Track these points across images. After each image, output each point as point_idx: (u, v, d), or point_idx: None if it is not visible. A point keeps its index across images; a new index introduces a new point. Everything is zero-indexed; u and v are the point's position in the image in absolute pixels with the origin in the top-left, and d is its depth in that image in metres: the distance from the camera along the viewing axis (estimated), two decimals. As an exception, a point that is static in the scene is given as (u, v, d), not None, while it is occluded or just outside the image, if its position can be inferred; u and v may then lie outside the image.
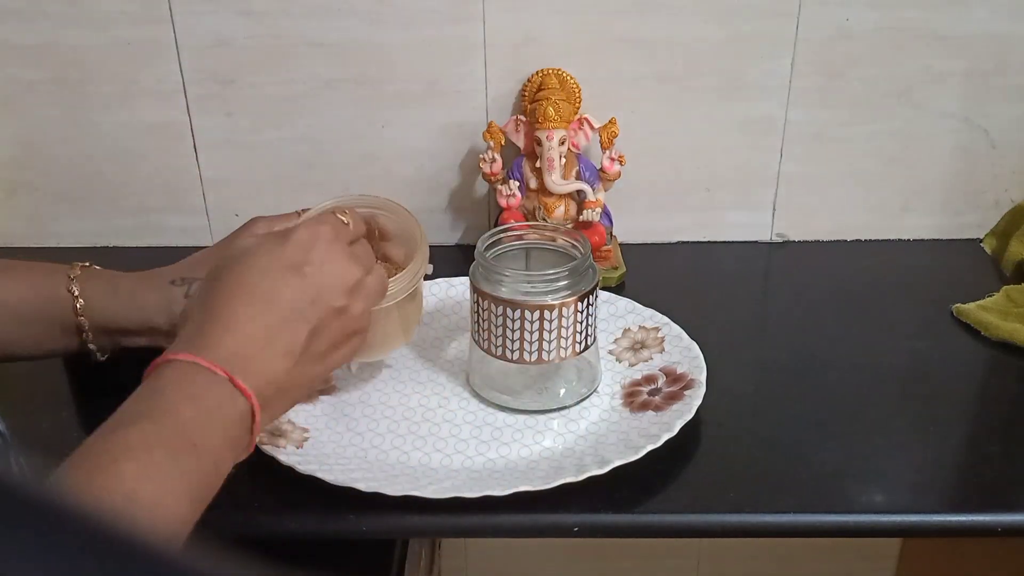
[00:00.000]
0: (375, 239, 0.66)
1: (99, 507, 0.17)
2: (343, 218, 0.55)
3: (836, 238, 0.93)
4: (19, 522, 0.16)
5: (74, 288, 0.61)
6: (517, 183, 0.84)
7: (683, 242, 0.93)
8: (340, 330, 0.53)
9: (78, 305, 0.61)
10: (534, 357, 0.64)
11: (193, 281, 0.63)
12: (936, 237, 0.93)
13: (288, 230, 0.53)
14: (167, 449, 0.44)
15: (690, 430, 0.62)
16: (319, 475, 0.57)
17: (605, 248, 0.85)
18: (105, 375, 0.71)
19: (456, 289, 0.79)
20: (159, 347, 0.63)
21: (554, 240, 0.68)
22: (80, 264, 0.63)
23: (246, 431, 0.49)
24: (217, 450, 0.47)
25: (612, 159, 0.84)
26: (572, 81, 0.84)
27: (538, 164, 0.83)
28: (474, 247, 0.66)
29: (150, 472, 0.43)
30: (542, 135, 0.82)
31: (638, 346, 0.72)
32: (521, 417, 0.66)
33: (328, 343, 0.52)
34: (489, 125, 0.85)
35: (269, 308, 0.49)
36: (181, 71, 0.85)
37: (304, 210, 0.64)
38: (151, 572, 0.17)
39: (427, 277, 0.65)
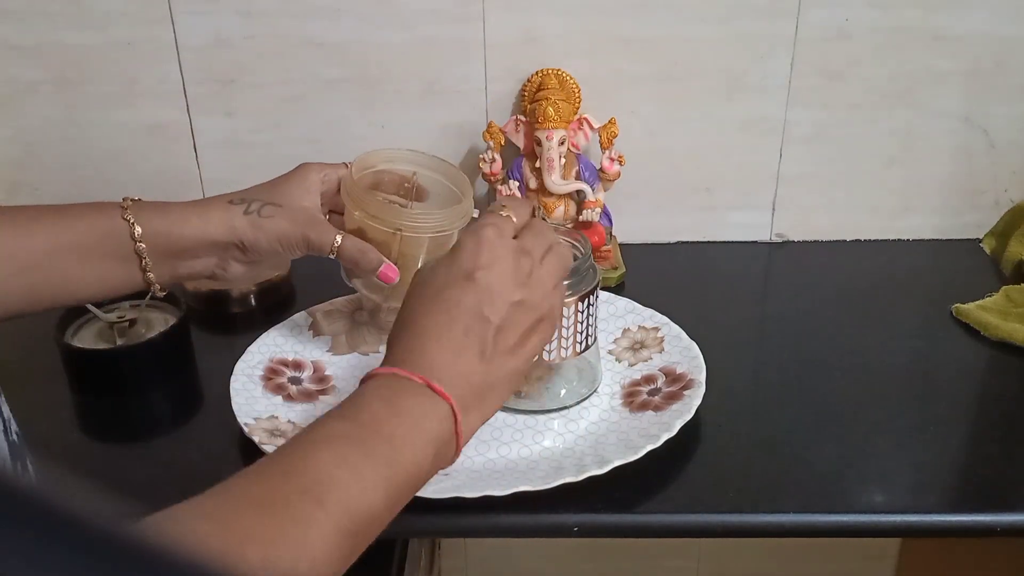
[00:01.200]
0: (411, 197, 0.71)
1: (100, 507, 0.17)
2: (504, 213, 0.56)
3: (836, 238, 0.93)
4: (21, 523, 0.16)
5: (129, 216, 0.62)
6: (517, 183, 0.84)
7: (683, 242, 0.93)
8: (525, 321, 0.54)
9: (136, 232, 0.62)
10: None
11: (252, 200, 0.64)
12: (936, 237, 0.93)
13: (456, 242, 0.55)
14: (359, 440, 0.46)
15: (690, 430, 0.62)
16: (319, 475, 0.57)
17: (605, 248, 0.85)
18: (105, 375, 0.71)
19: (456, 289, 0.79)
20: (212, 277, 0.66)
21: (554, 240, 0.68)
22: (129, 198, 0.64)
23: (449, 433, 0.50)
24: (415, 449, 0.48)
25: (612, 159, 0.84)
26: (572, 81, 0.84)
27: (538, 164, 0.83)
28: (474, 247, 0.66)
29: (344, 458, 0.45)
30: (542, 135, 0.82)
31: (638, 346, 0.72)
32: (521, 417, 0.66)
33: (516, 336, 0.53)
34: (489, 125, 0.85)
35: (454, 317, 0.52)
36: (181, 71, 0.85)
37: (349, 164, 0.68)
38: (151, 572, 0.17)
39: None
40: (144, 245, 0.62)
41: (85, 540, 0.17)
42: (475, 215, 0.66)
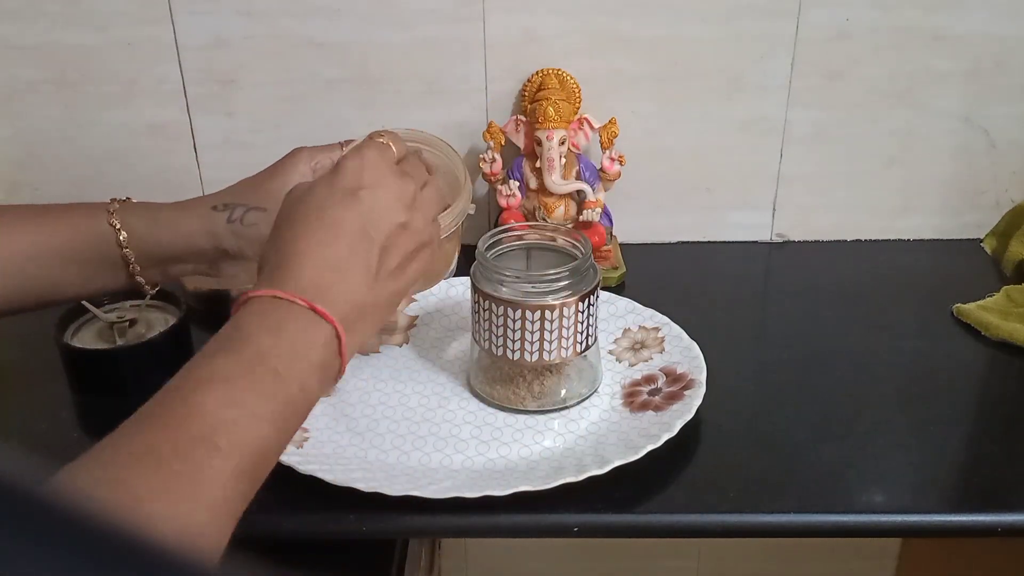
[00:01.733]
0: None
1: (100, 507, 0.17)
2: (381, 140, 0.56)
3: (836, 238, 0.93)
4: (20, 523, 0.16)
5: (115, 221, 0.62)
6: (517, 183, 0.84)
7: (683, 242, 0.93)
8: (409, 243, 0.54)
9: (122, 237, 0.61)
10: (535, 357, 0.64)
11: (235, 206, 0.64)
12: (936, 237, 0.93)
13: (337, 163, 0.54)
14: (246, 376, 0.45)
15: (690, 430, 0.62)
16: (319, 475, 0.57)
17: (605, 248, 0.85)
18: (105, 375, 0.71)
19: (456, 289, 0.79)
20: (206, 275, 0.65)
21: (555, 240, 0.68)
22: (117, 199, 0.64)
23: (333, 355, 0.49)
24: (302, 376, 0.47)
25: (612, 159, 0.84)
26: (572, 81, 0.84)
27: (538, 164, 0.83)
28: (474, 247, 0.66)
29: (232, 398, 0.44)
30: (542, 135, 0.82)
31: (638, 346, 0.72)
32: (521, 417, 0.66)
33: (399, 257, 0.53)
34: (489, 125, 0.85)
35: (336, 235, 0.51)
36: (181, 71, 0.85)
37: (347, 142, 0.67)
38: (151, 572, 0.17)
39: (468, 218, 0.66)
40: (131, 250, 0.62)
41: (86, 540, 0.17)
42: (471, 210, 0.65)
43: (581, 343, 0.65)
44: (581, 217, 0.84)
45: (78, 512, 0.17)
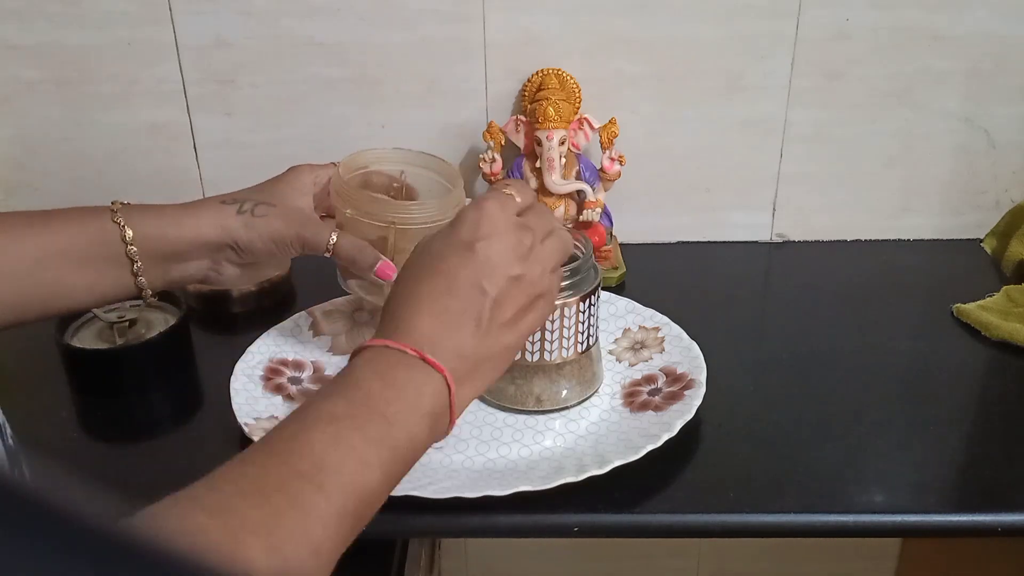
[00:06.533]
0: (402, 196, 0.70)
1: (98, 505, 0.17)
2: (507, 191, 0.56)
3: (836, 238, 0.93)
4: (22, 525, 0.16)
5: (120, 219, 0.61)
6: (517, 183, 0.84)
7: (683, 242, 0.93)
8: (523, 296, 0.53)
9: (127, 235, 0.61)
10: (536, 357, 0.64)
11: (245, 200, 0.64)
12: (936, 237, 0.93)
13: (457, 214, 0.54)
14: (354, 417, 0.46)
15: (690, 430, 0.62)
16: (319, 475, 0.57)
17: (605, 248, 0.85)
18: (105, 375, 0.71)
19: (456, 289, 0.79)
20: (211, 282, 0.65)
21: (554, 240, 0.68)
22: (119, 202, 0.63)
23: (443, 406, 0.49)
24: (410, 423, 0.47)
25: (612, 159, 0.84)
26: (572, 81, 0.84)
27: (538, 164, 0.83)
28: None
29: (339, 438, 0.44)
30: (542, 135, 0.82)
31: (638, 346, 0.72)
32: (521, 417, 0.66)
33: (513, 310, 0.53)
34: (489, 125, 0.85)
35: (450, 287, 0.51)
36: (181, 71, 0.85)
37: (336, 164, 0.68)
38: (150, 572, 0.17)
39: None
40: (136, 248, 0.61)
41: (86, 540, 0.17)
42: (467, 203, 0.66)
43: (582, 343, 0.65)
44: (581, 217, 0.84)
45: (78, 515, 0.17)
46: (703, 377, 0.66)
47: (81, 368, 0.71)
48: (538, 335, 0.63)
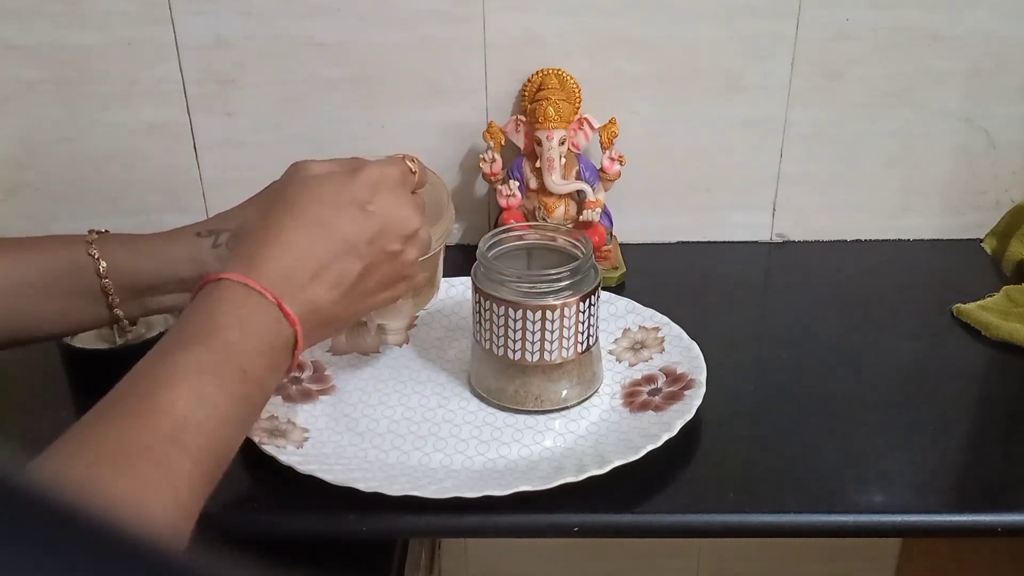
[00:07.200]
0: None
1: (98, 506, 0.17)
2: (411, 166, 0.55)
3: (836, 238, 0.93)
4: (18, 523, 0.16)
5: (94, 251, 0.59)
6: (517, 183, 0.84)
7: (683, 242, 0.93)
8: (391, 273, 0.53)
9: (101, 267, 0.59)
10: (536, 357, 0.64)
11: (220, 232, 0.62)
12: (936, 237, 0.93)
13: (358, 167, 0.53)
14: (217, 374, 0.45)
15: (690, 430, 0.62)
16: (319, 475, 0.57)
17: (605, 248, 0.85)
18: (105, 375, 0.71)
19: (456, 289, 0.79)
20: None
21: (555, 240, 0.68)
22: (95, 231, 0.61)
23: (287, 357, 0.49)
24: (262, 375, 0.47)
25: (612, 159, 0.84)
26: (572, 81, 0.84)
27: (538, 164, 0.83)
28: (474, 247, 0.66)
29: (201, 397, 0.44)
30: (542, 135, 0.82)
31: (638, 346, 0.72)
32: (521, 417, 0.66)
33: (376, 283, 0.52)
34: (489, 125, 0.85)
35: (326, 238, 0.50)
36: (181, 71, 0.85)
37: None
38: (150, 572, 0.17)
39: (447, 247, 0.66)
40: (110, 281, 0.59)
41: (82, 539, 0.17)
42: (456, 228, 0.65)
43: (582, 343, 0.65)
44: (581, 217, 0.84)
45: (61, 506, 0.17)
46: (703, 377, 0.66)
47: (81, 368, 0.71)
48: (538, 335, 0.63)
